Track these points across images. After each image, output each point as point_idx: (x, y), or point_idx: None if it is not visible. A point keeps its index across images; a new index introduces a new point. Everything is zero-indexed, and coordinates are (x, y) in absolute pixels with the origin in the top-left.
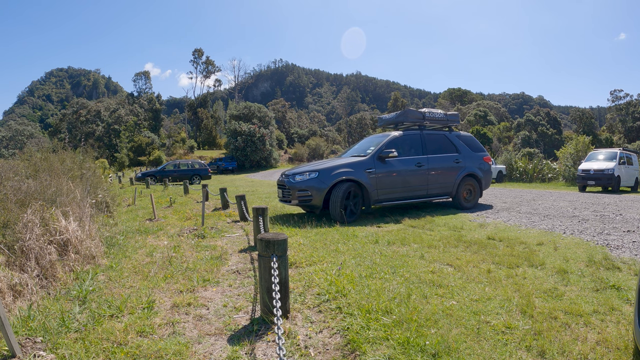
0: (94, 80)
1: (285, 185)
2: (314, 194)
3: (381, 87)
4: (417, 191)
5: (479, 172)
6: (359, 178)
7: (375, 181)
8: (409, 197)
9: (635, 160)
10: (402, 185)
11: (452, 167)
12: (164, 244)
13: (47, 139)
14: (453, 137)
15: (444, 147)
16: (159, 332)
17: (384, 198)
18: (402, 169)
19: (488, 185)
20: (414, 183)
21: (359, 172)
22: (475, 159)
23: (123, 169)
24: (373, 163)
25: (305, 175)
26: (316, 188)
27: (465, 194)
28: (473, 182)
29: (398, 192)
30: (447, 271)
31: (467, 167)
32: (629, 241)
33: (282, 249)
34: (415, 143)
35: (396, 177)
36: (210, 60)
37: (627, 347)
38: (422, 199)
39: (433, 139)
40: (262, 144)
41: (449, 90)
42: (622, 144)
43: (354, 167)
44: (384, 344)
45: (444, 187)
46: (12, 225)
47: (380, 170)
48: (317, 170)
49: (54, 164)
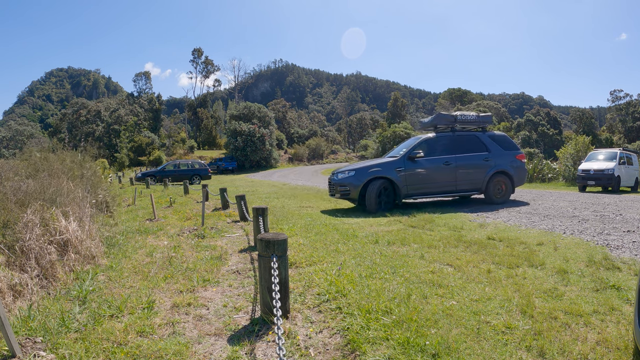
0: (94, 80)
1: (331, 182)
2: (351, 189)
3: (381, 87)
4: (445, 187)
5: (510, 169)
6: (389, 176)
7: (404, 178)
8: (437, 192)
9: (635, 160)
10: (430, 182)
11: (481, 165)
12: (164, 244)
13: (47, 139)
14: (484, 137)
15: (474, 146)
16: (159, 332)
17: (413, 193)
18: (430, 167)
19: (522, 182)
20: (442, 180)
21: (390, 170)
22: (507, 157)
23: (123, 169)
24: (403, 163)
25: (345, 174)
26: (353, 184)
27: (496, 190)
28: (504, 179)
29: (426, 188)
30: (447, 271)
31: (498, 164)
32: (629, 241)
33: (282, 249)
34: (445, 143)
35: (424, 175)
36: (209, 60)
37: (627, 347)
38: (451, 194)
39: (463, 139)
40: (262, 144)
41: (449, 90)
42: (622, 144)
43: (386, 166)
44: (384, 344)
45: (473, 184)
46: (12, 225)
47: (409, 168)
48: (354, 170)
49: (54, 163)
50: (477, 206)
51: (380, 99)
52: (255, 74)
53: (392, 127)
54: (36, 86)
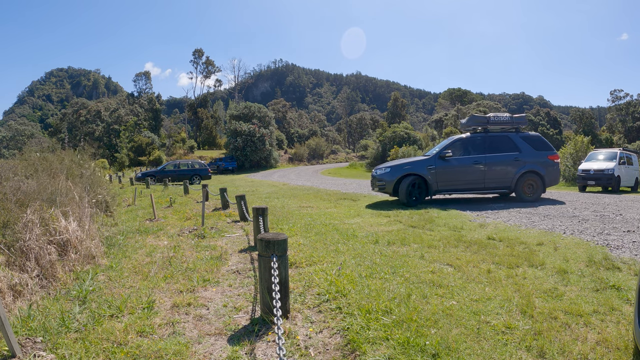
0: (94, 80)
1: (372, 177)
2: (387, 183)
3: (381, 87)
4: (473, 185)
5: (541, 168)
6: (420, 172)
7: (434, 175)
8: (466, 189)
9: (635, 160)
10: (459, 180)
11: (510, 164)
12: (164, 244)
13: (47, 139)
14: (516, 137)
15: (504, 146)
16: (159, 332)
17: (442, 189)
18: (459, 165)
19: (555, 182)
20: (470, 178)
21: (422, 168)
22: (538, 156)
23: (123, 169)
24: (434, 161)
25: (382, 170)
26: (388, 179)
27: (526, 188)
28: (535, 178)
29: (455, 185)
30: (447, 271)
31: (528, 164)
32: (629, 241)
33: (282, 249)
34: (477, 143)
35: (453, 173)
36: (210, 60)
37: (627, 347)
38: (480, 191)
39: (495, 139)
40: (262, 144)
41: (449, 90)
42: (622, 144)
43: (418, 164)
44: (384, 344)
45: (502, 182)
46: (12, 225)
47: (440, 166)
48: (390, 167)
49: (53, 163)
50: (477, 206)
51: (380, 99)
52: (256, 73)
53: (392, 127)
54: (36, 86)
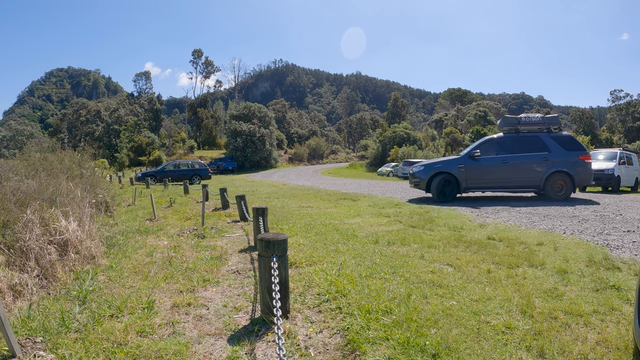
0: (94, 81)
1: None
2: (420, 181)
3: (381, 87)
4: (502, 183)
5: (571, 168)
6: (450, 171)
7: (464, 174)
8: (494, 187)
9: (635, 160)
10: (488, 178)
11: (539, 164)
12: (164, 244)
13: (47, 139)
14: (546, 137)
15: (534, 146)
16: (159, 332)
17: (472, 187)
18: (488, 164)
19: (585, 182)
20: (499, 176)
21: (452, 166)
22: (568, 156)
23: (123, 169)
24: (464, 160)
25: (418, 168)
26: (422, 177)
27: (555, 187)
28: (564, 178)
29: (484, 183)
30: (447, 271)
31: (557, 164)
32: (629, 241)
33: (282, 249)
34: (507, 143)
35: (482, 171)
36: (209, 60)
37: (627, 347)
38: (508, 189)
39: (525, 139)
40: (262, 144)
41: (449, 90)
42: (622, 144)
43: (449, 163)
44: (384, 344)
45: (530, 181)
46: (12, 225)
47: (469, 165)
48: (423, 165)
49: (53, 163)
50: (477, 206)
51: (380, 99)
52: (256, 74)
53: (392, 127)
54: (36, 86)
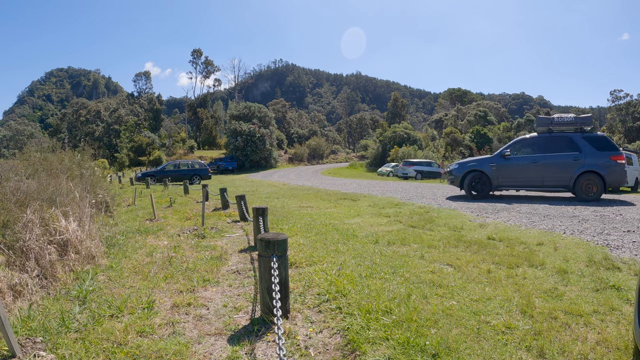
0: (94, 80)
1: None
2: (455, 178)
3: (381, 87)
4: (532, 182)
5: (602, 169)
6: (482, 169)
7: (495, 172)
8: (524, 186)
9: (635, 160)
10: (518, 177)
11: (569, 164)
12: (164, 244)
13: (47, 139)
14: (577, 137)
15: (565, 146)
16: (159, 332)
17: (503, 185)
18: (518, 164)
19: (617, 182)
20: (529, 176)
21: (484, 165)
22: (599, 157)
23: (123, 169)
24: (496, 159)
25: (454, 166)
26: (456, 175)
27: (585, 188)
28: (595, 178)
29: (514, 182)
30: (447, 271)
31: (587, 164)
32: (629, 241)
33: (282, 249)
34: (539, 143)
35: (513, 170)
36: (209, 60)
37: (627, 347)
38: (538, 188)
39: (556, 139)
40: (262, 144)
41: (449, 90)
42: (622, 144)
43: (481, 162)
44: (384, 344)
45: (560, 181)
46: (12, 225)
47: (500, 164)
48: (458, 163)
49: (53, 163)
50: (477, 206)
51: (380, 99)
52: (255, 74)
53: (392, 127)
54: (36, 86)
